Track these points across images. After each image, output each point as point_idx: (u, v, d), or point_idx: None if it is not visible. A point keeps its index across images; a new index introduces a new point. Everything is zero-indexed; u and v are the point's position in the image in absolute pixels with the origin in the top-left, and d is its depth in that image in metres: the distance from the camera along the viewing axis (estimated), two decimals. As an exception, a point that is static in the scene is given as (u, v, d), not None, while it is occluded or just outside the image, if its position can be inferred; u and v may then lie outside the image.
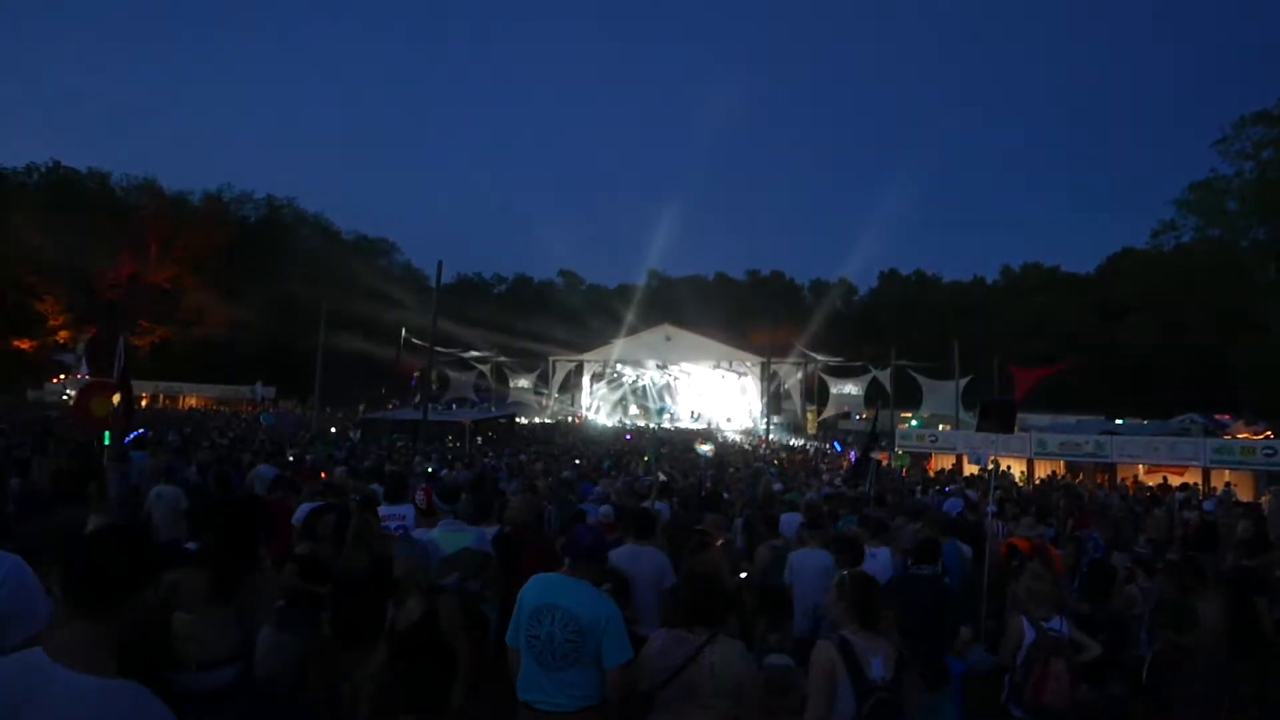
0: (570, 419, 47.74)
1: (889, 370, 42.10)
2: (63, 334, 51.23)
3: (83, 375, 45.63)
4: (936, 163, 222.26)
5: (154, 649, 3.14)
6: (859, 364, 46.59)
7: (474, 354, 52.44)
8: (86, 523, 4.05)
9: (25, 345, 50.20)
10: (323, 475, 11.13)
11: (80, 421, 8.33)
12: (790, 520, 7.55)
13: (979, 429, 8.41)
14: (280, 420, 25.76)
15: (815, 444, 38.20)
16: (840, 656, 3.01)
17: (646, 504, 8.09)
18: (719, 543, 6.26)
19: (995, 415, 8.32)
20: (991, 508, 8.30)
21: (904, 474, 21.92)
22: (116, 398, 8.47)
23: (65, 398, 41.03)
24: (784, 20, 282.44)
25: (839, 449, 34.02)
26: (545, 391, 53.58)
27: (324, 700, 4.75)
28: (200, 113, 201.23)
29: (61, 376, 47.45)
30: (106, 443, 8.43)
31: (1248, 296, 39.48)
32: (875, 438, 18.40)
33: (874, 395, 45.34)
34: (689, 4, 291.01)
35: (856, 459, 15.68)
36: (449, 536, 4.42)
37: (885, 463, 20.20)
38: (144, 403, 46.02)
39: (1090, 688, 5.15)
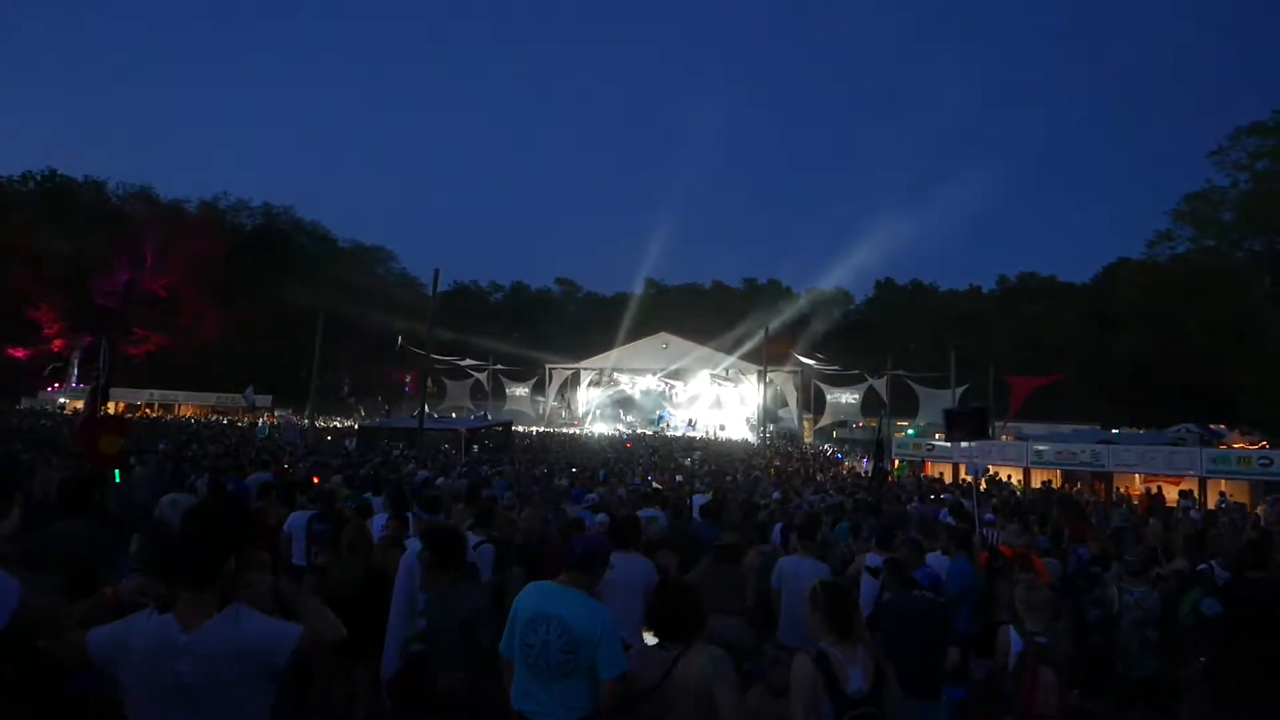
0: (567, 427, 47.68)
1: (885, 379, 42.13)
2: (58, 342, 51.10)
3: (75, 384, 45.67)
4: (932, 172, 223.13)
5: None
6: (856, 373, 46.65)
7: (471, 362, 52.40)
8: (82, 532, 3.97)
9: (20, 353, 50.05)
10: (314, 479, 11.15)
11: (90, 458, 8.26)
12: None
13: (948, 438, 8.45)
14: (284, 429, 25.61)
15: (813, 450, 38.12)
16: (818, 670, 2.97)
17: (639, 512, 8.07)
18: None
19: (963, 424, 8.31)
20: (990, 516, 8.27)
21: (890, 479, 21.88)
22: (120, 439, 8.40)
23: (60, 406, 40.98)
24: (782, 28, 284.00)
25: (841, 459, 33.97)
26: (542, 399, 53.54)
27: (323, 709, 4.73)
28: (197, 121, 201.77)
29: (56, 385, 47.34)
30: (117, 480, 8.38)
31: (1243, 307, 39.56)
32: (881, 447, 18.46)
33: (871, 404, 45.39)
34: (687, 13, 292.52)
35: (870, 469, 15.74)
36: (432, 549, 4.37)
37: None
38: (143, 411, 45.96)
39: (1082, 695, 5.15)
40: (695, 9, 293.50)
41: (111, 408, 41.90)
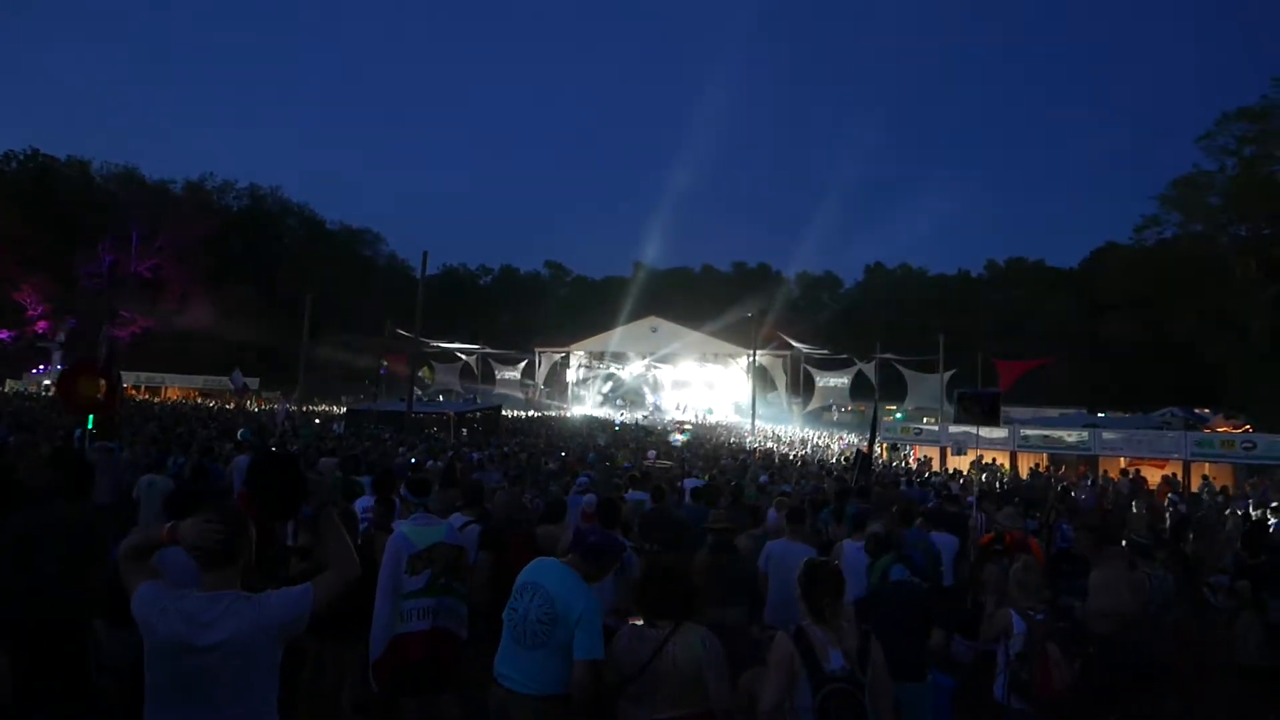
0: (556, 411, 47.63)
1: (874, 363, 42.26)
2: (42, 324, 50.58)
3: (60, 366, 45.22)
4: (922, 157, 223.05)
5: None
6: (844, 357, 46.72)
7: (460, 345, 52.21)
8: (82, 517, 3.85)
9: (3, 335, 49.51)
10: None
11: (67, 400, 8.10)
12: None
13: (956, 420, 8.53)
14: (274, 411, 25.30)
15: (802, 435, 38.23)
16: (796, 647, 2.98)
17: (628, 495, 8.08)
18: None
19: (977, 407, 8.36)
20: (971, 499, 8.32)
21: (881, 459, 21.93)
22: (103, 383, 8.27)
23: (46, 388, 40.60)
24: (772, 13, 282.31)
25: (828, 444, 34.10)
26: (531, 383, 53.45)
27: (311, 692, 4.73)
28: (182, 101, 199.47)
29: (42, 366, 46.93)
30: (90, 426, 8.23)
31: (1229, 292, 39.76)
32: (874, 431, 18.54)
33: (860, 388, 45.54)
34: (676, 4, 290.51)
35: (857, 453, 15.79)
36: (419, 531, 4.32)
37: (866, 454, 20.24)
38: (129, 393, 45.62)
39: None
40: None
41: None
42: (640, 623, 3.17)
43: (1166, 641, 5.42)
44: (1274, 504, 15.82)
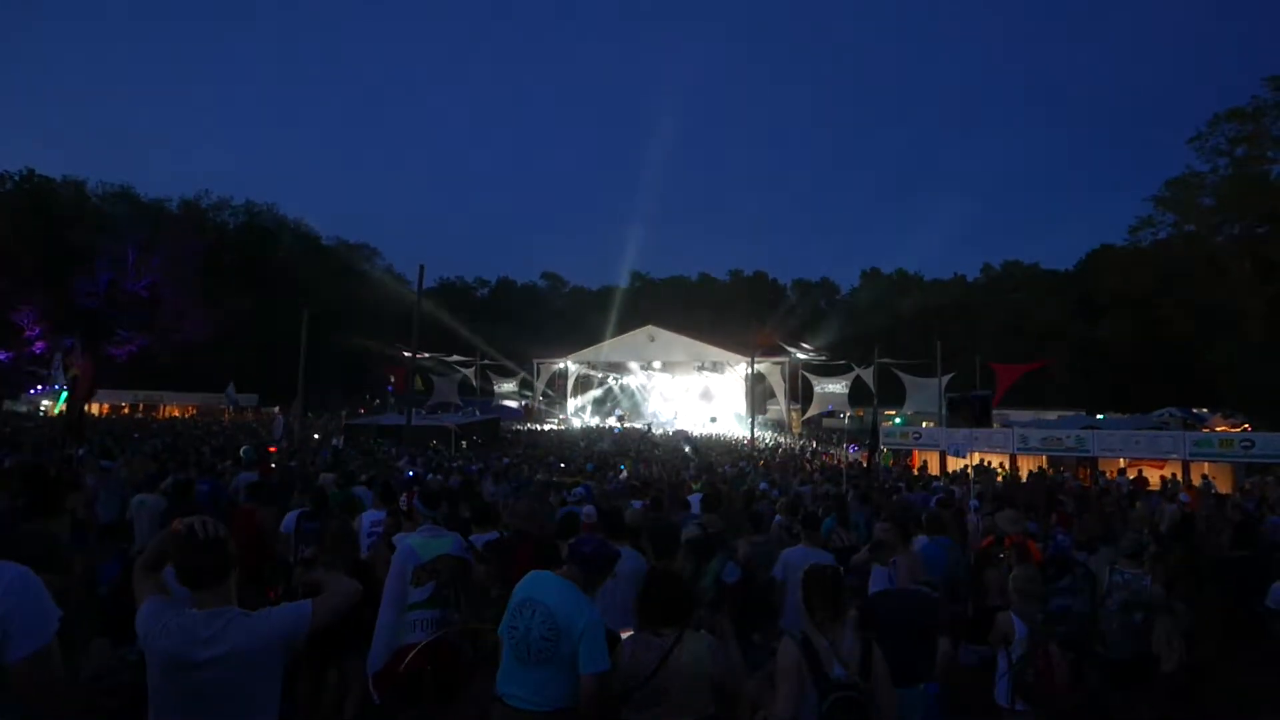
0: (555, 422, 47.61)
1: (872, 368, 42.27)
2: (39, 344, 50.50)
3: (55, 386, 45.15)
4: (917, 162, 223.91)
5: None
6: (842, 363, 46.70)
7: (457, 358, 52.21)
8: (51, 535, 3.81)
9: (0, 356, 49.43)
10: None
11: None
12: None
13: (950, 423, 8.58)
14: (273, 426, 25.25)
15: (801, 441, 38.22)
16: (802, 653, 2.99)
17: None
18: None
19: (968, 410, 8.40)
20: (974, 503, 8.32)
21: (876, 463, 21.95)
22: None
23: (42, 409, 40.54)
24: (767, 23, 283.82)
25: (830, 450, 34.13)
26: (529, 395, 53.44)
27: (308, 709, 4.71)
28: (178, 120, 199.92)
29: (39, 387, 46.83)
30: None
31: (1224, 291, 39.89)
32: (875, 437, 18.63)
33: (859, 393, 45.53)
34: (672, 6, 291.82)
35: (859, 457, 15.89)
36: (426, 543, 4.33)
37: (866, 463, 20.26)
38: (124, 411, 45.57)
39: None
40: (679, 3, 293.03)
41: (97, 409, 41.49)
42: (638, 632, 3.17)
43: (1125, 644, 5.41)
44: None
